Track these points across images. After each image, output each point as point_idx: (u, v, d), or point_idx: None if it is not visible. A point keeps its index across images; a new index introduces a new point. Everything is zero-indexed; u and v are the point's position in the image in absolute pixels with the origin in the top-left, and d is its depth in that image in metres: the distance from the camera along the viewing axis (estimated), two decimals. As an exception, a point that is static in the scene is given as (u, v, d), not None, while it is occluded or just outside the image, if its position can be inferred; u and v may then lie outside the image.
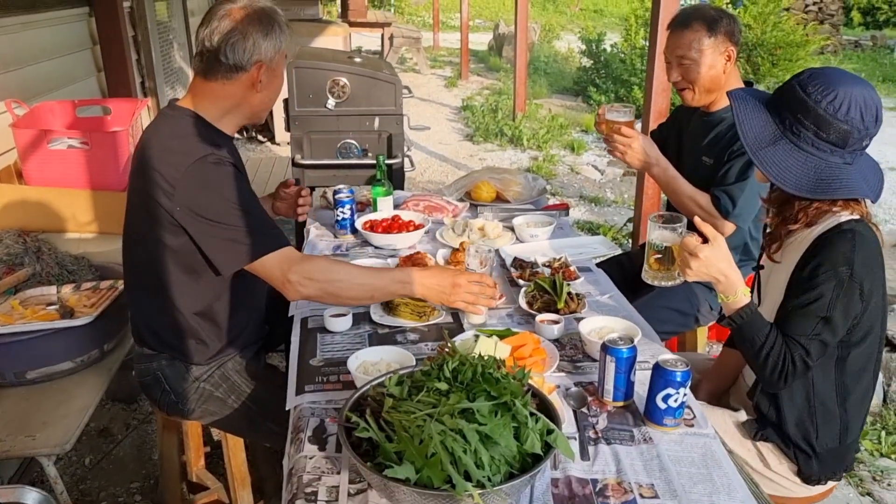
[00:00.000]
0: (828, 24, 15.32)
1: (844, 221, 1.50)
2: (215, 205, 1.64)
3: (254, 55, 1.69)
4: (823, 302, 1.47)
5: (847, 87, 1.47)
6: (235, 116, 1.79)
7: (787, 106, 1.51)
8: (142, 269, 1.79)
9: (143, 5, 4.63)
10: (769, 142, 1.52)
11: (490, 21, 18.07)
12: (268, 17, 1.71)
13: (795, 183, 1.50)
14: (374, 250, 2.34)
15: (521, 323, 1.87)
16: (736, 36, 2.20)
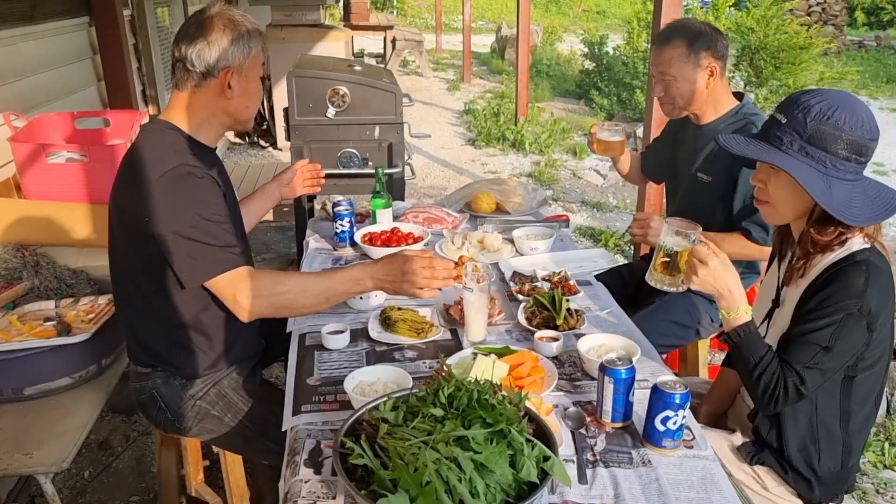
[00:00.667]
0: (831, 24, 15.28)
1: (858, 251, 1.47)
2: (180, 217, 1.63)
3: (220, 61, 1.70)
4: (826, 332, 1.44)
5: (853, 104, 1.45)
6: (213, 126, 1.80)
7: (824, 146, 1.43)
8: (126, 283, 1.80)
9: (144, 13, 4.63)
10: (826, 190, 1.44)
11: (492, 23, 18.07)
12: (234, 24, 1.72)
13: (864, 215, 1.44)
14: (372, 264, 2.33)
15: (519, 339, 1.86)
16: (720, 51, 2.18)
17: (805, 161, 1.45)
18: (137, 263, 1.72)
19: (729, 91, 2.27)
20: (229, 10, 1.75)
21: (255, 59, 1.76)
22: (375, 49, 12.58)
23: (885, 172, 7.33)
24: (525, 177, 6.23)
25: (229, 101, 1.76)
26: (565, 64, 11.71)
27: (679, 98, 2.21)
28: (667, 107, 2.28)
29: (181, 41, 1.70)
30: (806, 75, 6.68)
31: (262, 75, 1.81)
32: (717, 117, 2.26)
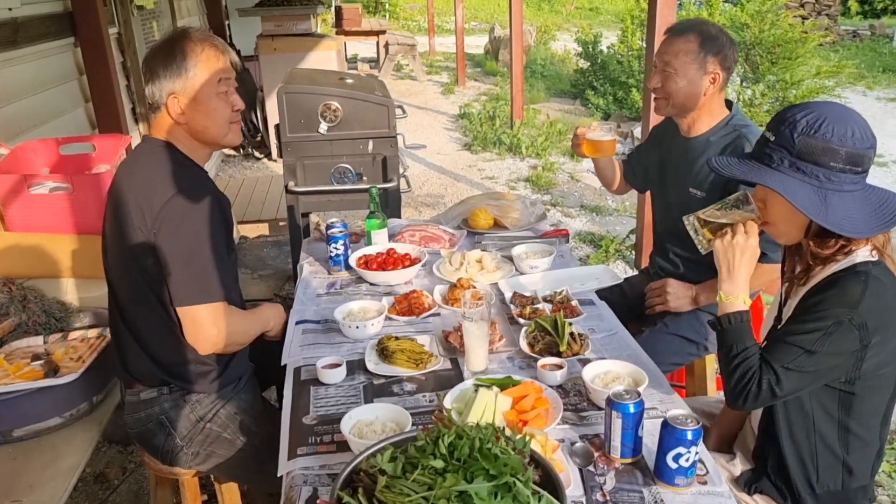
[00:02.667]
0: (825, 14, 15.23)
1: (860, 262, 1.42)
2: (182, 240, 1.69)
3: (163, 89, 1.74)
4: (813, 337, 1.38)
5: (843, 114, 1.42)
6: (190, 149, 1.82)
7: (815, 160, 1.40)
8: (135, 301, 1.79)
9: (131, 30, 4.56)
10: (821, 204, 1.40)
11: (485, 23, 18.01)
12: (167, 49, 1.74)
13: (865, 226, 1.40)
14: (368, 287, 2.27)
15: (522, 367, 1.80)
16: (728, 62, 2.12)
17: (797, 177, 1.41)
18: (148, 278, 1.74)
19: (723, 104, 2.21)
20: (172, 33, 1.78)
21: (200, 78, 1.74)
22: (369, 54, 12.52)
23: (885, 164, 7.27)
24: (522, 181, 6.17)
25: (187, 125, 1.78)
26: (559, 63, 11.65)
27: (675, 95, 2.14)
28: (660, 101, 2.19)
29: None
30: (802, 70, 6.61)
31: (224, 90, 1.79)
32: (709, 129, 2.19)
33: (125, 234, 1.73)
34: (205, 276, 1.71)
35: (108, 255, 1.85)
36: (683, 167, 2.23)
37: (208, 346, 1.76)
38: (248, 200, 5.30)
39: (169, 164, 1.74)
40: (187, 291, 1.71)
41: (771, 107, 6.59)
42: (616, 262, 4.42)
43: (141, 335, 1.82)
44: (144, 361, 1.82)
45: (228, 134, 1.84)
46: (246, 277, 4.31)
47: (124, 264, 1.78)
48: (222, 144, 1.86)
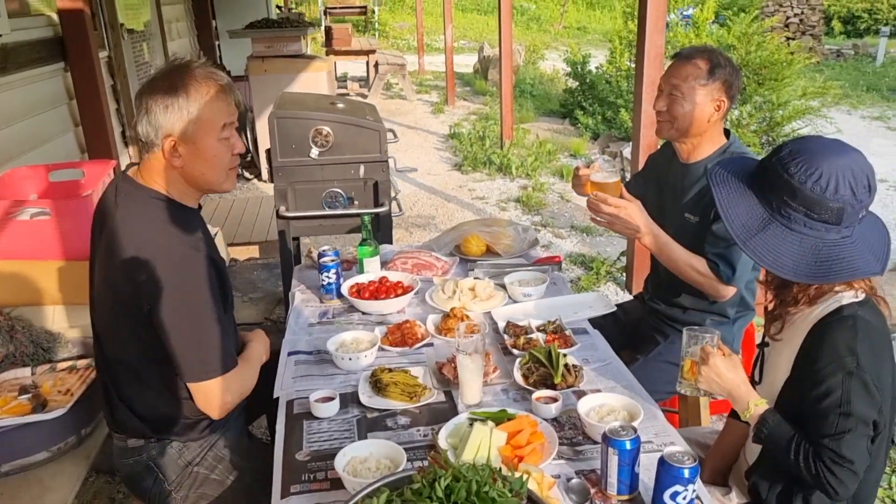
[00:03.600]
0: (809, 34, 15.43)
1: (846, 305, 1.42)
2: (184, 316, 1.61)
3: (160, 130, 1.61)
4: (836, 397, 1.38)
5: (831, 161, 1.39)
6: (182, 191, 1.71)
7: (772, 188, 1.43)
8: (121, 359, 1.74)
9: (122, 53, 4.56)
10: (758, 227, 1.44)
11: (474, 42, 18.14)
12: (170, 86, 1.60)
13: (793, 268, 1.41)
14: (361, 316, 2.26)
15: (516, 399, 1.79)
16: (733, 91, 2.14)
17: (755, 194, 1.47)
18: (135, 343, 1.67)
19: (722, 131, 2.23)
20: (172, 67, 1.65)
21: (203, 122, 1.63)
22: (358, 72, 12.56)
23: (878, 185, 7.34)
24: (513, 202, 6.19)
25: (182, 169, 1.67)
26: (548, 83, 11.73)
27: (680, 119, 2.15)
28: (665, 125, 2.20)
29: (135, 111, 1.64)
30: (789, 91, 6.69)
31: (227, 135, 1.69)
32: (707, 155, 2.21)
33: (117, 296, 1.65)
34: (213, 350, 1.65)
35: (95, 305, 1.76)
36: (680, 192, 2.25)
37: (221, 412, 1.72)
38: (239, 222, 5.28)
39: (164, 227, 1.62)
40: (198, 370, 1.65)
41: (758, 127, 6.65)
42: (607, 284, 4.43)
43: (128, 394, 1.76)
44: (130, 417, 1.77)
45: (226, 181, 1.74)
46: (236, 301, 4.25)
47: (114, 324, 1.70)
48: (217, 191, 1.76)
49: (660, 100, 2.20)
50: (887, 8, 18.75)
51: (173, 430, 1.78)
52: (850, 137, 8.97)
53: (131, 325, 1.65)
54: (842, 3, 19.60)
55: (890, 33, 16.15)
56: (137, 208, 1.65)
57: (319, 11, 17.70)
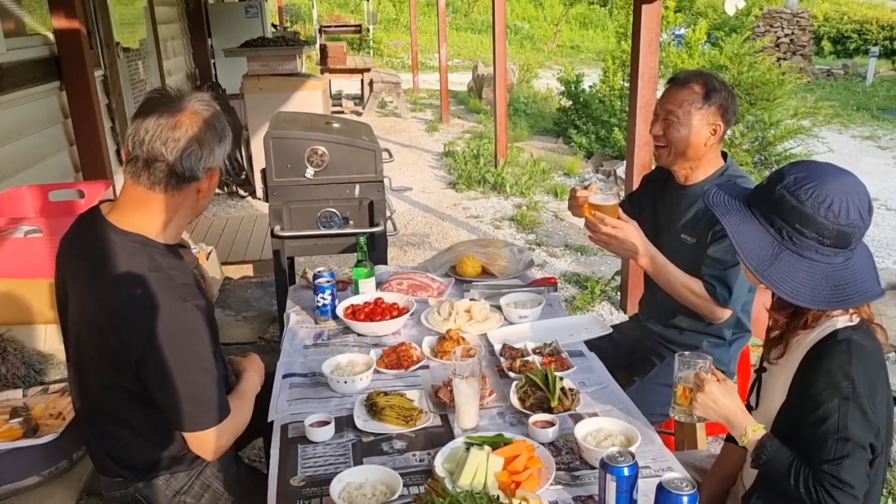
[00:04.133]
0: (800, 54, 15.60)
1: (840, 329, 1.42)
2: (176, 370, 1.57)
3: (208, 163, 1.61)
4: (833, 422, 1.37)
5: (838, 185, 1.40)
6: (178, 225, 1.69)
7: (781, 216, 1.43)
8: (103, 404, 1.69)
9: (117, 72, 4.57)
10: (771, 257, 1.43)
11: (468, 60, 18.25)
12: (219, 125, 1.63)
13: (810, 296, 1.41)
14: (356, 338, 2.25)
15: (513, 423, 1.78)
16: (729, 115, 2.15)
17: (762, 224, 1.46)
18: (121, 391, 1.63)
19: (719, 154, 2.24)
20: (203, 99, 1.63)
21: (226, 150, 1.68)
22: (353, 90, 12.61)
23: (873, 203, 7.39)
24: (507, 220, 6.20)
25: (202, 201, 1.67)
26: (542, 102, 11.79)
27: (676, 143, 2.16)
28: (662, 150, 2.21)
29: (155, 138, 1.53)
30: (780, 111, 6.75)
31: None
32: (704, 178, 2.22)
33: (102, 346, 1.59)
34: (207, 402, 1.62)
35: (71, 345, 1.69)
36: (677, 214, 2.25)
37: (216, 455, 1.69)
38: (233, 240, 5.28)
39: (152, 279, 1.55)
40: (192, 422, 1.62)
41: (751, 146, 6.70)
42: (602, 304, 4.43)
43: (111, 442, 1.73)
44: (114, 466, 1.74)
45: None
46: (230, 320, 4.26)
47: (97, 371, 1.65)
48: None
49: (655, 124, 2.21)
50: (876, 28, 18.98)
51: (160, 468, 1.75)
52: (842, 156, 9.09)
53: (115, 374, 1.61)
54: (831, 23, 19.84)
55: (879, 53, 16.35)
56: (123, 259, 1.58)
57: (314, 29, 17.82)
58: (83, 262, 1.62)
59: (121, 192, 1.65)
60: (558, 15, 22.05)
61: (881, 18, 19.43)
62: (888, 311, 4.04)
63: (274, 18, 16.40)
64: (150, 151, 1.54)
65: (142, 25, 5.50)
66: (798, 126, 6.64)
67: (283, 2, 21.07)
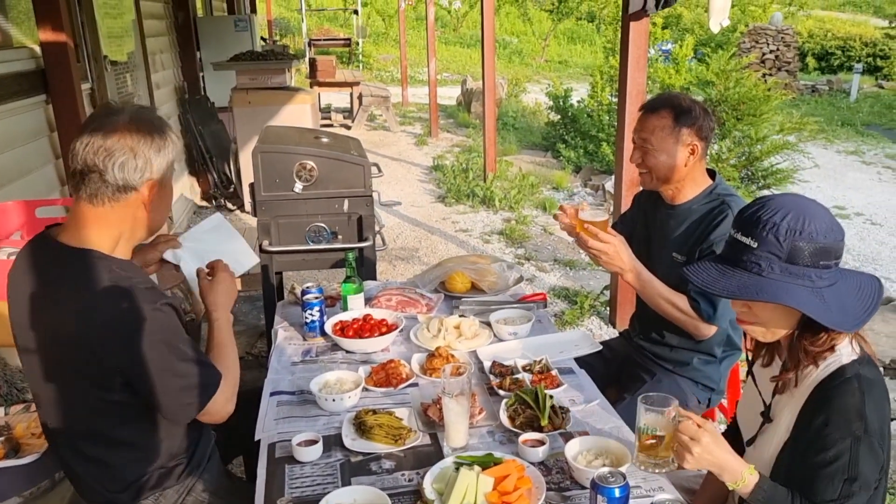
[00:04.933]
0: (785, 70, 15.78)
1: (847, 364, 1.40)
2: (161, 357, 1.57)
3: (145, 173, 1.56)
4: (843, 462, 1.35)
5: (809, 206, 1.39)
6: (129, 241, 1.64)
7: (801, 261, 1.36)
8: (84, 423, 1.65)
9: (105, 85, 4.55)
10: (823, 304, 1.37)
11: (458, 74, 18.32)
12: (159, 131, 1.59)
13: (860, 314, 1.38)
14: (344, 355, 2.23)
15: (503, 442, 1.76)
16: (705, 132, 2.16)
17: (793, 283, 1.37)
18: (110, 405, 1.61)
19: (705, 172, 2.25)
20: (144, 111, 1.63)
21: (170, 167, 1.63)
22: (342, 104, 12.62)
23: (848, 215, 7.46)
24: (496, 234, 6.20)
25: (148, 215, 1.62)
26: (531, 116, 11.85)
27: (656, 169, 2.18)
28: (644, 176, 2.25)
29: (96, 148, 1.50)
30: (767, 126, 6.81)
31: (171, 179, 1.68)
32: (692, 197, 2.23)
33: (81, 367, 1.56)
34: (199, 384, 1.63)
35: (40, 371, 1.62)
36: (668, 233, 2.26)
37: (225, 416, 1.71)
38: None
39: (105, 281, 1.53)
40: (196, 407, 1.63)
41: (738, 161, 6.75)
42: (591, 319, 4.43)
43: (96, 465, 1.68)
44: (99, 489, 1.71)
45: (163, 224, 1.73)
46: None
47: (79, 394, 1.60)
48: (151, 236, 1.73)
49: (635, 153, 2.23)
50: (859, 45, 19.25)
51: (149, 486, 1.71)
52: (827, 171, 9.16)
53: (102, 392, 1.59)
54: (816, 40, 20.11)
55: (862, 70, 16.57)
56: (84, 276, 1.55)
57: (304, 43, 17.85)
58: (42, 286, 1.58)
59: (70, 212, 1.64)
60: (546, 30, 22.21)
61: (864, 35, 19.73)
62: (875, 325, 4.07)
63: (263, 32, 16.44)
64: (84, 162, 1.52)
65: (130, 38, 5.47)
66: (784, 141, 6.71)
67: (273, 15, 21.13)
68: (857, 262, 6.17)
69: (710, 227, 2.14)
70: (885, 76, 17.76)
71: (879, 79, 17.62)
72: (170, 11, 6.77)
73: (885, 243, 6.69)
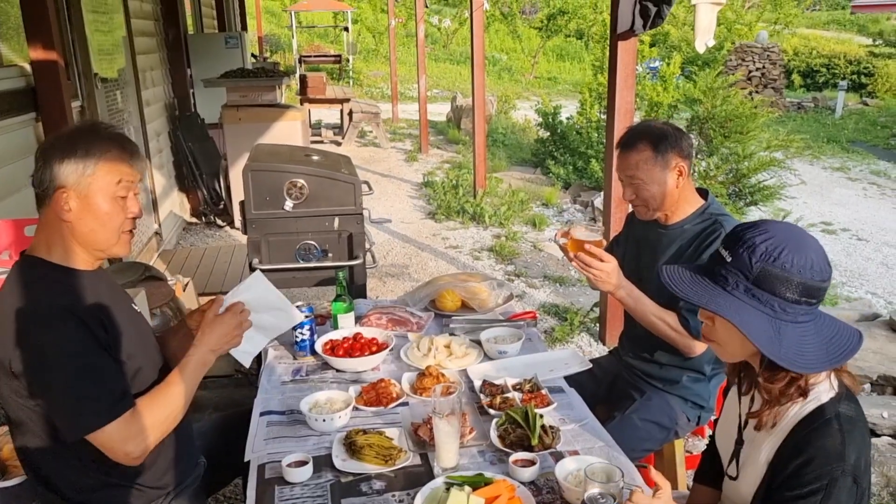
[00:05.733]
0: (771, 88, 15.97)
1: (826, 404, 1.37)
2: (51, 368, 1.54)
3: (53, 181, 1.57)
4: (815, 499, 1.32)
5: (803, 242, 1.36)
6: (74, 252, 1.64)
7: (768, 288, 1.35)
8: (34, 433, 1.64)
9: (95, 102, 4.54)
10: (777, 337, 1.35)
11: (448, 91, 18.42)
12: (69, 139, 1.59)
13: (820, 361, 1.35)
14: (335, 374, 2.23)
15: (493, 462, 1.76)
16: (686, 150, 2.19)
17: (752, 304, 1.35)
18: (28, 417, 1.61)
19: (694, 189, 2.27)
20: (76, 126, 1.67)
21: (99, 178, 1.59)
22: (333, 120, 12.65)
23: (834, 231, 7.54)
24: (486, 251, 6.21)
25: (71, 225, 1.60)
26: (520, 133, 11.91)
27: (652, 200, 2.20)
28: (640, 209, 2.26)
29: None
30: (753, 143, 6.88)
31: (123, 194, 1.64)
32: (685, 217, 2.25)
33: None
34: (88, 401, 1.54)
35: None
36: (660, 253, 2.28)
37: (132, 460, 1.59)
38: (210, 271, 5.22)
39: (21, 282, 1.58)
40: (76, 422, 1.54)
41: (725, 178, 6.81)
42: (581, 335, 4.43)
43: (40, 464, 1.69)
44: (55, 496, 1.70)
45: (116, 244, 1.67)
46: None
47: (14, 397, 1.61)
48: (107, 253, 1.69)
49: (626, 191, 2.25)
50: (844, 63, 19.50)
51: None
52: (813, 188, 9.24)
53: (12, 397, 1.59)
54: (801, 58, 20.36)
55: (847, 87, 16.79)
56: (16, 274, 1.61)
57: (294, 59, 17.91)
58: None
59: None
60: (536, 47, 22.38)
61: (848, 53, 19.99)
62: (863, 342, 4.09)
63: (254, 48, 16.48)
64: None
65: (121, 55, 5.47)
66: (771, 158, 6.77)
67: (263, 32, 21.21)
68: (844, 277, 6.22)
69: (702, 245, 2.16)
70: (870, 93, 18.00)
71: (864, 96, 17.86)
72: (160, 28, 6.78)
73: (871, 259, 6.75)
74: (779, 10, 22.39)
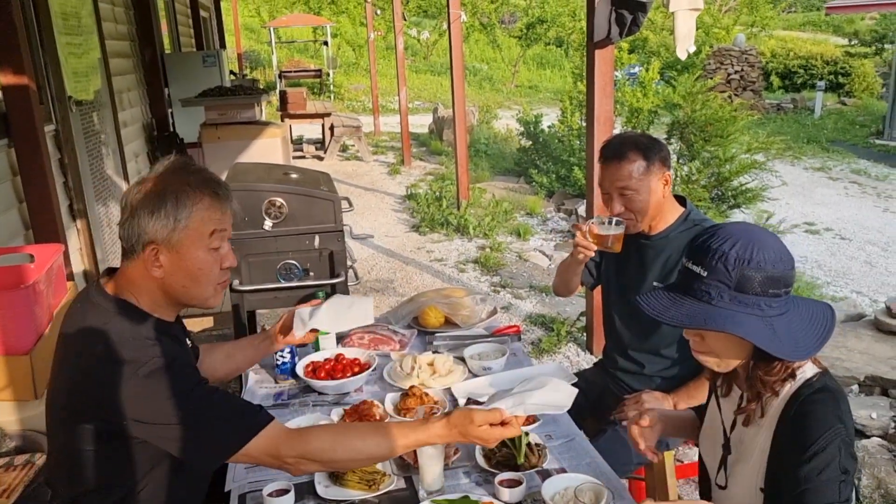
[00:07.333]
0: (750, 90, 16.11)
1: (814, 378, 1.40)
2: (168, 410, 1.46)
3: (142, 236, 1.50)
4: (836, 464, 1.33)
5: (766, 235, 1.39)
6: (165, 303, 1.59)
7: (751, 289, 1.36)
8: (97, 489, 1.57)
9: (70, 126, 4.48)
10: (772, 335, 1.36)
11: (429, 102, 18.44)
12: (160, 194, 1.50)
13: (812, 342, 1.38)
14: (317, 397, 2.19)
15: (479, 483, 1.73)
16: (667, 159, 2.20)
17: (742, 311, 1.37)
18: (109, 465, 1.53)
19: (674, 200, 2.26)
20: (163, 171, 1.54)
21: (192, 230, 1.51)
22: (314, 135, 12.61)
23: (818, 231, 7.58)
24: (471, 262, 6.19)
25: (161, 280, 1.54)
26: (502, 142, 11.92)
27: (641, 211, 2.17)
28: (630, 221, 2.21)
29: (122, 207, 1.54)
30: (734, 146, 6.91)
31: (216, 245, 1.56)
32: (668, 226, 2.23)
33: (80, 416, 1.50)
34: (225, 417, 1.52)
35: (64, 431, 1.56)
36: (647, 263, 2.26)
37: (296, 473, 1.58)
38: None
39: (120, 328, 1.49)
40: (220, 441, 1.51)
41: (707, 182, 6.84)
42: (568, 345, 4.41)
43: None
44: None
45: (213, 297, 1.60)
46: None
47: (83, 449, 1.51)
48: (201, 307, 1.61)
49: (615, 204, 2.19)
50: (821, 64, 19.71)
51: None
52: (795, 188, 9.29)
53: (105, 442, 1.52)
54: (778, 59, 20.56)
55: (825, 87, 16.96)
56: (94, 314, 1.52)
57: (275, 75, 17.87)
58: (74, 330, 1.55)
59: None
60: (516, 56, 22.48)
61: (825, 54, 20.22)
62: (848, 342, 4.10)
63: (233, 66, 16.44)
64: None
65: (96, 77, 5.42)
66: (752, 160, 6.81)
67: (243, 48, 21.18)
68: (828, 277, 6.25)
69: None
70: (847, 93, 18.19)
71: (842, 96, 18.05)
72: (136, 49, 6.72)
73: (854, 258, 6.79)
74: (755, 13, 22.65)
